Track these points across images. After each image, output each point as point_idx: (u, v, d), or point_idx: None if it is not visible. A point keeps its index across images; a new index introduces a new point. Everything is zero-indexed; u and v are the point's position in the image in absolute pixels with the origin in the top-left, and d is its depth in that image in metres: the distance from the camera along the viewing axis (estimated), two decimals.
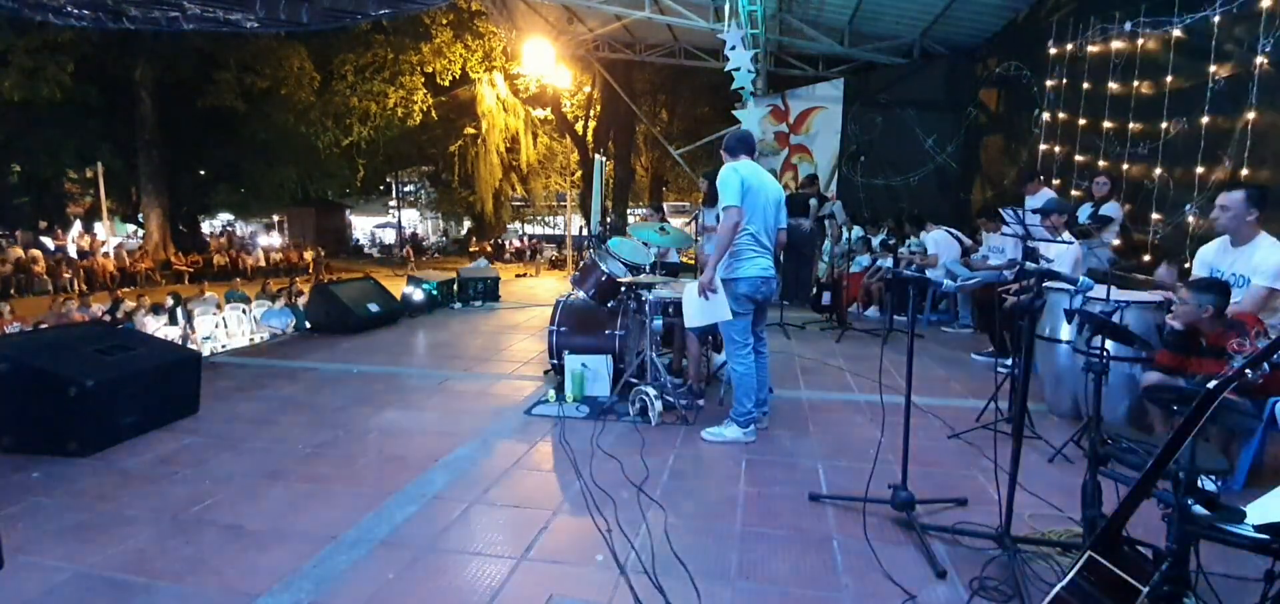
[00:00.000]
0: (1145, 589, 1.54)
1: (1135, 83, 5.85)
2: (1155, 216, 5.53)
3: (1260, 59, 4.47)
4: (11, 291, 15.04)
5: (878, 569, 2.41)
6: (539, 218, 36.63)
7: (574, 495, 3.02)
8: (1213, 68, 4.93)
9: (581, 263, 5.85)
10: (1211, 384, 1.49)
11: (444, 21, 17.93)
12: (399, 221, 35.46)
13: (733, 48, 9.00)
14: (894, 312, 7.26)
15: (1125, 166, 5.94)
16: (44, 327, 8.77)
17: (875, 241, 8.92)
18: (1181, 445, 1.53)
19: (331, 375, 5.23)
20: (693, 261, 7.26)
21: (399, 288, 8.50)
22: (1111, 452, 2.44)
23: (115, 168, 20.51)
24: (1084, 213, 5.88)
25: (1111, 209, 5.80)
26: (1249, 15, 4.59)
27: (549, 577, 2.38)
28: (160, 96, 19.63)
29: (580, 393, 4.32)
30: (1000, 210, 4.72)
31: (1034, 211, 4.99)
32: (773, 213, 3.73)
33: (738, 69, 9.52)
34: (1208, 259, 3.66)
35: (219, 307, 11.57)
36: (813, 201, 8.39)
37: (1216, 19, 4.89)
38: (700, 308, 3.63)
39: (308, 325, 7.35)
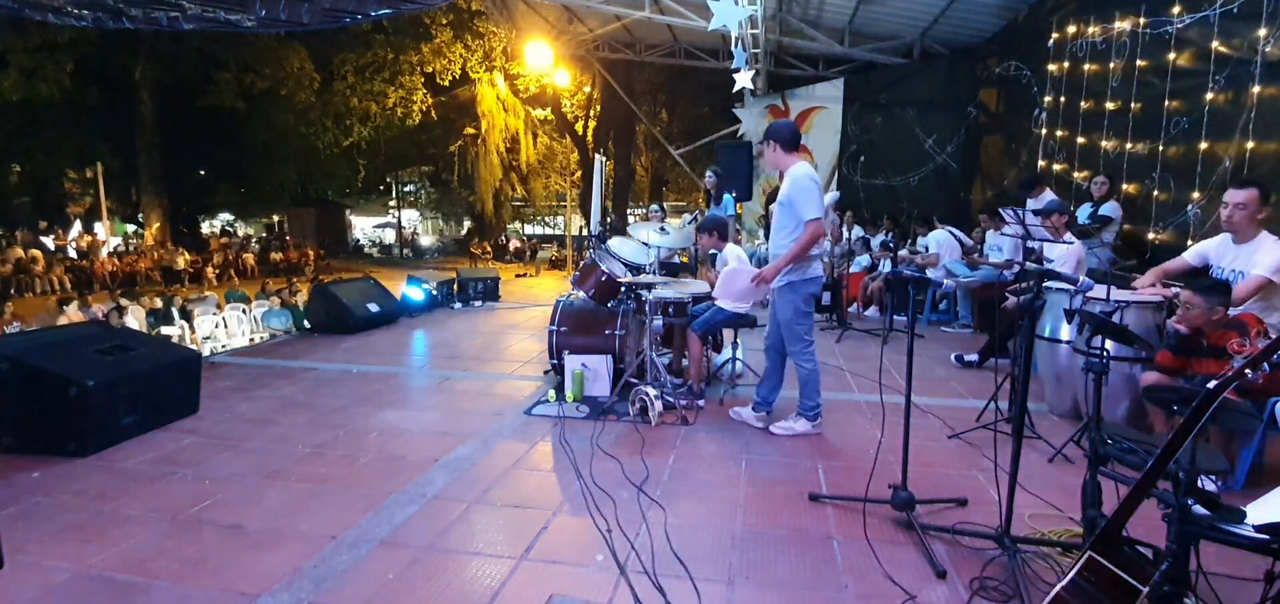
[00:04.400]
0: (1145, 589, 1.53)
1: (1135, 82, 5.85)
2: (1155, 216, 5.53)
3: (1260, 57, 4.47)
4: (11, 292, 15.03)
5: (878, 569, 2.41)
6: (539, 218, 36.62)
7: (574, 495, 3.02)
8: (1213, 66, 4.93)
9: (581, 263, 5.86)
10: (1211, 384, 1.49)
11: (444, 21, 17.94)
12: (399, 221, 35.44)
13: (735, 46, 9.02)
14: (894, 312, 7.25)
15: (1125, 166, 5.94)
16: (46, 326, 8.75)
17: (875, 242, 8.91)
18: (1181, 445, 1.53)
19: (331, 375, 5.22)
20: (688, 261, 7.23)
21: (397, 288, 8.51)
22: (1111, 452, 2.43)
23: (115, 168, 20.53)
24: (1083, 213, 5.88)
25: (1111, 209, 5.80)
26: (1249, 13, 4.59)
27: (549, 577, 2.38)
28: (160, 96, 19.65)
29: (580, 393, 4.32)
30: (1000, 210, 4.72)
31: (1035, 213, 4.99)
32: None
33: (738, 70, 9.53)
34: (1205, 253, 3.65)
35: (219, 306, 11.56)
36: None
37: (1216, 17, 4.89)
38: (746, 294, 3.94)
39: (307, 325, 7.35)
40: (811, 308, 3.76)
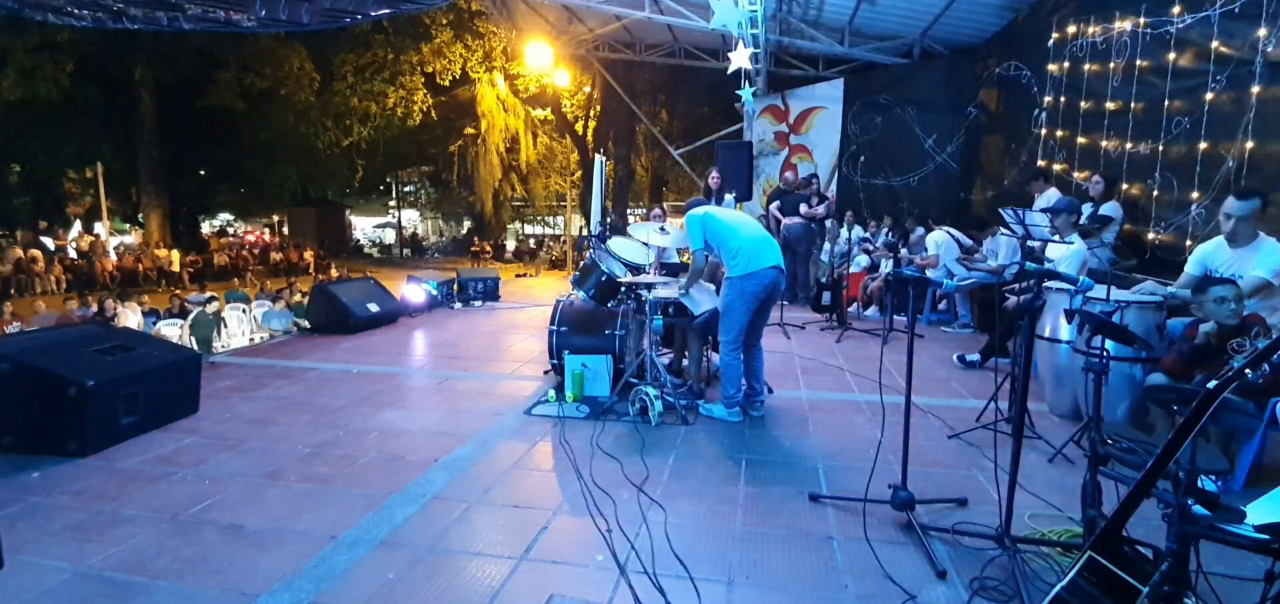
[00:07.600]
0: (1145, 589, 1.54)
1: (1135, 82, 5.85)
2: (1156, 216, 5.53)
3: (1261, 57, 4.47)
4: (11, 292, 15.02)
5: (878, 569, 2.41)
6: (539, 218, 36.63)
7: (574, 495, 3.02)
8: (1214, 66, 4.92)
9: (581, 263, 5.85)
10: (1211, 384, 1.49)
11: (444, 21, 17.93)
12: (399, 221, 35.44)
13: (734, 48, 9.02)
14: (894, 312, 7.25)
15: (1125, 166, 5.93)
16: (46, 326, 8.74)
17: (878, 241, 8.91)
18: (1181, 445, 1.53)
19: (331, 375, 5.22)
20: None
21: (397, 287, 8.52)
22: (1111, 452, 2.43)
23: (115, 168, 20.50)
24: (1084, 212, 5.87)
25: (1112, 209, 5.79)
26: (1250, 14, 4.59)
27: (549, 577, 2.38)
28: (160, 96, 19.64)
29: (580, 393, 4.32)
30: (1000, 210, 4.72)
31: (1043, 211, 4.98)
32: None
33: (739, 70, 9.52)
34: (1204, 260, 3.66)
35: (219, 306, 11.53)
36: (803, 206, 8.44)
37: (1217, 18, 4.88)
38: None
39: (307, 325, 7.35)
40: (749, 308, 3.94)
